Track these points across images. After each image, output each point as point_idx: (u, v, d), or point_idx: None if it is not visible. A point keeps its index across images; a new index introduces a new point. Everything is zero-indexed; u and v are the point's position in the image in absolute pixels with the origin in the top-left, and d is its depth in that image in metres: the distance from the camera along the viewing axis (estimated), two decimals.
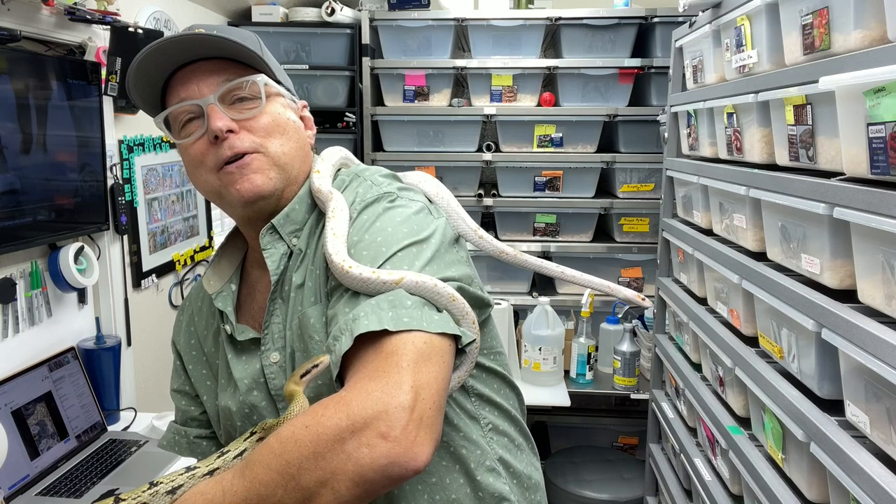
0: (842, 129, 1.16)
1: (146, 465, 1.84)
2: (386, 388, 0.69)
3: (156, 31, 2.29)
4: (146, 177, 2.43)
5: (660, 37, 2.93)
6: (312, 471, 0.67)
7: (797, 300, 1.34)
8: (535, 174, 3.06)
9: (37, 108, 1.83)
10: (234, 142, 0.89)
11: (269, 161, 0.91)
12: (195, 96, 0.90)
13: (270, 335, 0.95)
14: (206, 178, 0.92)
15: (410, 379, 0.70)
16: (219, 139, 0.88)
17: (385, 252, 0.82)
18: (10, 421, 1.70)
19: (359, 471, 0.66)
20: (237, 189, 0.90)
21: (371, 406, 0.67)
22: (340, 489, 0.67)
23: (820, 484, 1.32)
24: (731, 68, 1.75)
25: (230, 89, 0.91)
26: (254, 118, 0.91)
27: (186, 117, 0.92)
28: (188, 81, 0.91)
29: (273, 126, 0.93)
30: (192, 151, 0.92)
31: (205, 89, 0.90)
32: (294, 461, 0.68)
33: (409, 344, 0.73)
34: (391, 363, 0.71)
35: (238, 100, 0.92)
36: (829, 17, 1.25)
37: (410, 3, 3.05)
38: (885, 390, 1.08)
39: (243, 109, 0.91)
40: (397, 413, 0.67)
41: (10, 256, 1.82)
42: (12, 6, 1.72)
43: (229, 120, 0.89)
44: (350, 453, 0.66)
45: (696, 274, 2.09)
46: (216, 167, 0.90)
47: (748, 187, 1.61)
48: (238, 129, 0.90)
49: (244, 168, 0.90)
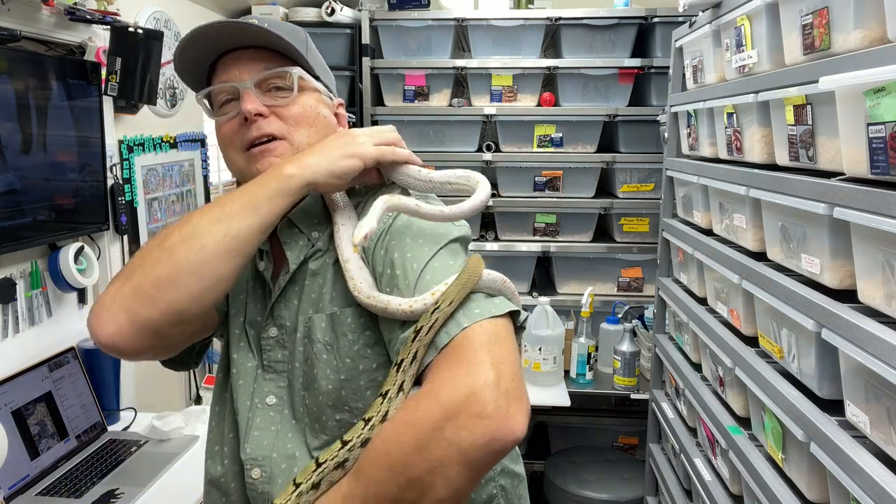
0: (842, 129, 1.16)
1: (146, 466, 1.84)
2: (469, 371, 0.72)
3: (156, 30, 2.29)
4: (146, 177, 2.43)
5: (660, 37, 2.93)
6: (419, 463, 0.70)
7: (797, 300, 1.34)
8: (535, 174, 3.06)
9: (37, 108, 1.83)
10: (262, 124, 0.95)
11: (292, 150, 0.95)
12: (235, 80, 0.96)
13: (278, 311, 0.98)
14: (233, 157, 0.98)
15: (488, 358, 0.73)
16: (248, 121, 0.94)
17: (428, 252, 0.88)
18: (10, 421, 1.70)
19: (463, 454, 0.69)
20: (257, 168, 0.95)
21: (459, 390, 0.71)
22: (451, 475, 0.69)
23: (820, 484, 1.32)
24: (731, 68, 1.75)
25: (266, 77, 0.96)
26: (285, 106, 0.96)
27: (225, 98, 0.98)
28: (231, 66, 0.97)
29: (302, 116, 0.98)
30: (224, 130, 0.98)
31: (244, 74, 0.96)
32: (400, 458, 0.71)
33: (479, 330, 0.77)
34: (467, 349, 0.75)
35: (274, 88, 0.97)
36: (829, 17, 1.25)
37: (410, 3, 3.05)
38: (885, 390, 1.08)
39: (277, 97, 0.97)
40: (485, 391, 0.70)
41: (10, 256, 1.82)
42: (12, 6, 1.72)
43: (260, 104, 0.94)
44: (450, 439, 0.69)
45: (696, 274, 2.09)
46: (243, 147, 0.96)
47: (748, 187, 1.61)
48: (268, 113, 0.95)
49: (266, 152, 0.95)
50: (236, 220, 0.86)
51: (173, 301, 0.84)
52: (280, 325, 0.98)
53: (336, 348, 0.92)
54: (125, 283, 0.86)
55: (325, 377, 0.92)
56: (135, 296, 0.84)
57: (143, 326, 0.84)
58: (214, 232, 0.85)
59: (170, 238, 0.86)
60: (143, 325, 0.84)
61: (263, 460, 0.95)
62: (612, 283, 3.10)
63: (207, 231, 0.85)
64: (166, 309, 0.84)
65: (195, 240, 0.85)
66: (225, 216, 0.86)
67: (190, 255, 0.84)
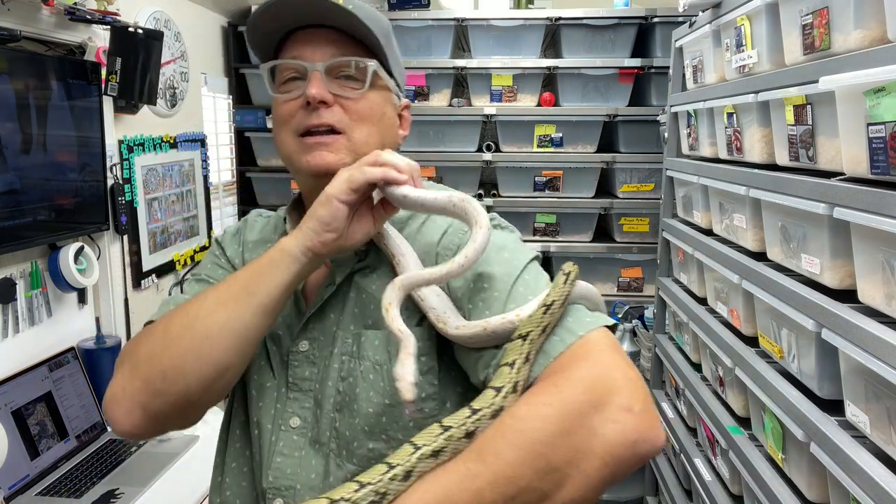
0: (842, 129, 1.16)
1: (146, 466, 1.84)
2: (608, 367, 0.67)
3: (156, 30, 2.29)
4: (146, 177, 2.43)
5: (660, 37, 2.93)
6: (561, 449, 0.63)
7: (797, 300, 1.34)
8: (535, 174, 3.06)
9: (37, 108, 1.83)
10: (324, 113, 0.88)
11: (349, 146, 0.89)
12: (305, 58, 0.89)
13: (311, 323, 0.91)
14: (285, 139, 0.91)
15: (622, 359, 0.68)
16: (310, 105, 0.87)
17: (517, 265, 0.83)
18: (10, 421, 1.70)
19: (608, 448, 0.63)
20: (307, 160, 0.89)
21: (604, 381, 0.65)
22: (590, 471, 0.63)
23: (820, 484, 1.32)
24: (731, 68, 1.75)
25: (339, 64, 0.89)
26: (352, 99, 0.90)
27: (290, 75, 0.91)
28: (305, 43, 0.90)
29: (367, 113, 0.91)
30: (283, 109, 0.91)
31: (316, 55, 0.89)
32: (542, 439, 0.63)
33: (599, 336, 0.73)
34: (594, 351, 0.70)
35: (344, 76, 0.90)
36: (829, 17, 1.25)
37: (410, 3, 3.05)
38: (885, 390, 1.08)
39: (345, 87, 0.90)
40: (631, 386, 0.65)
41: (10, 256, 1.82)
42: (12, 6, 1.72)
43: (327, 91, 0.88)
44: (596, 429, 0.63)
45: (696, 274, 2.09)
46: (297, 131, 0.89)
47: (748, 187, 1.61)
48: (332, 102, 0.88)
49: (320, 145, 0.89)
50: (238, 304, 0.80)
51: (183, 392, 0.79)
52: (312, 339, 0.90)
53: (386, 370, 0.86)
54: (134, 375, 0.82)
55: (367, 399, 0.85)
56: (145, 390, 0.81)
57: (159, 416, 0.81)
58: (217, 319, 0.79)
59: (173, 325, 0.82)
60: (157, 415, 0.81)
61: (287, 490, 0.86)
62: (612, 283, 3.10)
63: (211, 318, 0.79)
64: (178, 400, 0.80)
65: (198, 329, 0.79)
66: (227, 299, 0.80)
67: (194, 345, 0.79)
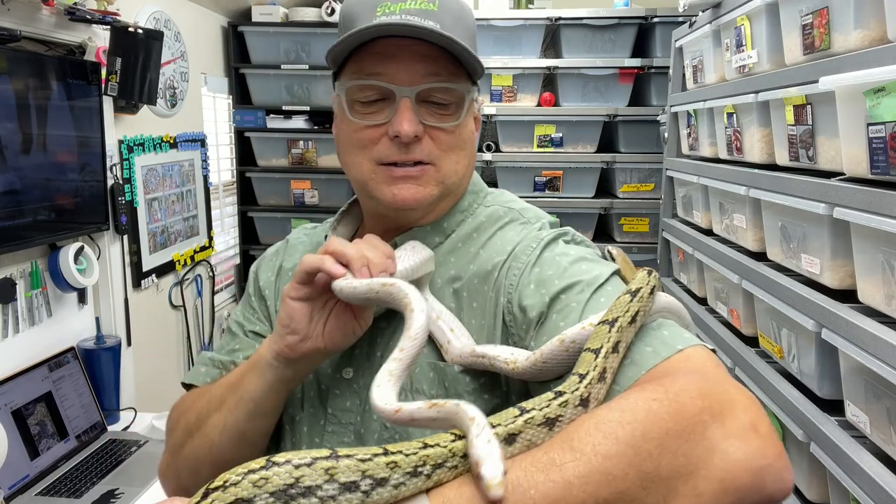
0: (842, 129, 1.16)
1: (146, 465, 1.84)
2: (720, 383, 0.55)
3: (156, 30, 2.29)
4: (146, 177, 2.43)
5: (660, 37, 2.93)
6: (674, 455, 0.50)
7: (797, 300, 1.34)
8: (535, 174, 3.06)
9: (37, 108, 1.83)
10: (415, 150, 0.78)
11: (437, 177, 0.80)
12: (393, 79, 0.77)
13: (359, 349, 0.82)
14: (360, 163, 0.80)
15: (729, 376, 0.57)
16: (398, 139, 0.77)
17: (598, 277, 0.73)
18: (10, 421, 1.70)
19: (729, 469, 0.50)
20: (392, 193, 0.79)
21: (720, 391, 0.53)
22: (703, 490, 0.50)
23: (820, 484, 1.32)
24: (731, 68, 1.75)
25: (433, 90, 0.78)
26: (445, 130, 0.79)
27: (371, 97, 0.78)
28: (391, 58, 0.77)
29: (458, 143, 0.81)
30: (361, 135, 0.79)
31: (404, 75, 0.77)
32: (653, 435, 0.50)
33: (702, 353, 0.61)
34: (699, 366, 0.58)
35: (434, 102, 0.79)
36: (829, 17, 1.25)
37: None
38: (885, 390, 1.08)
39: (436, 114, 0.79)
40: (755, 406, 0.53)
41: (10, 256, 1.82)
42: (12, 6, 1.72)
43: (419, 125, 0.77)
44: (716, 443, 0.50)
45: (696, 274, 2.09)
46: (379, 161, 0.79)
47: (748, 187, 1.61)
48: (423, 135, 0.78)
49: (409, 179, 0.79)
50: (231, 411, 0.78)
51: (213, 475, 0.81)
52: (357, 366, 0.82)
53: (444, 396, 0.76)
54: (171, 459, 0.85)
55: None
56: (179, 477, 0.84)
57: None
58: (216, 424, 0.79)
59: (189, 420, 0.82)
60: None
61: None
62: None
63: (211, 423, 0.79)
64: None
65: (204, 433, 0.80)
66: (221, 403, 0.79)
67: (203, 450, 0.80)
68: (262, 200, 3.28)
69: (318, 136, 3.19)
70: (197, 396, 0.84)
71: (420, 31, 0.74)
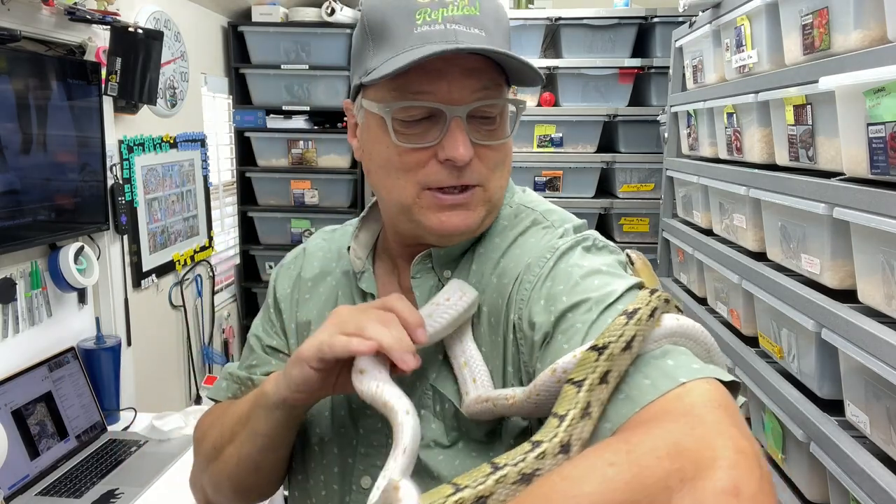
0: (842, 129, 1.16)
1: (146, 466, 1.84)
2: (715, 430, 0.47)
3: (156, 30, 2.29)
4: (146, 177, 2.43)
5: (660, 37, 2.93)
6: None
7: (797, 300, 1.34)
8: (535, 174, 3.06)
9: (37, 108, 1.83)
10: (466, 174, 0.72)
11: (485, 197, 0.75)
12: (442, 97, 0.70)
13: None
14: (404, 187, 0.74)
15: (729, 419, 0.48)
16: (449, 161, 0.71)
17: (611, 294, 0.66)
18: (10, 421, 1.70)
19: None
20: (440, 220, 0.73)
21: (703, 446, 0.45)
22: None
23: (820, 484, 1.32)
24: (731, 68, 1.75)
25: (484, 108, 0.72)
26: (493, 149, 0.74)
27: (417, 116, 0.71)
28: (439, 74, 0.70)
29: (504, 159, 0.77)
30: (407, 158, 0.73)
31: (455, 94, 0.71)
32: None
33: (707, 388, 0.53)
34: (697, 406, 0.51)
35: (481, 117, 0.73)
36: (829, 17, 1.25)
37: None
38: (885, 390, 1.08)
39: (484, 130, 0.74)
40: (744, 463, 0.45)
41: (10, 256, 1.82)
42: (12, 6, 1.72)
43: (471, 147, 0.71)
44: None
45: (696, 274, 2.09)
46: (426, 185, 0.73)
47: (748, 187, 1.61)
48: (473, 156, 0.72)
49: (460, 207, 0.74)
50: (245, 443, 0.78)
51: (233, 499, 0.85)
52: None
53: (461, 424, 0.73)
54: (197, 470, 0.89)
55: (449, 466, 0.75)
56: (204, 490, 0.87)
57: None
58: (232, 454, 0.80)
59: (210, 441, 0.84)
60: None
61: None
62: None
63: (227, 452, 0.80)
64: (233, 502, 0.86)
65: (222, 460, 0.81)
66: (235, 434, 0.79)
67: (223, 476, 0.82)
68: (262, 200, 3.28)
69: (318, 136, 3.19)
70: (219, 414, 0.86)
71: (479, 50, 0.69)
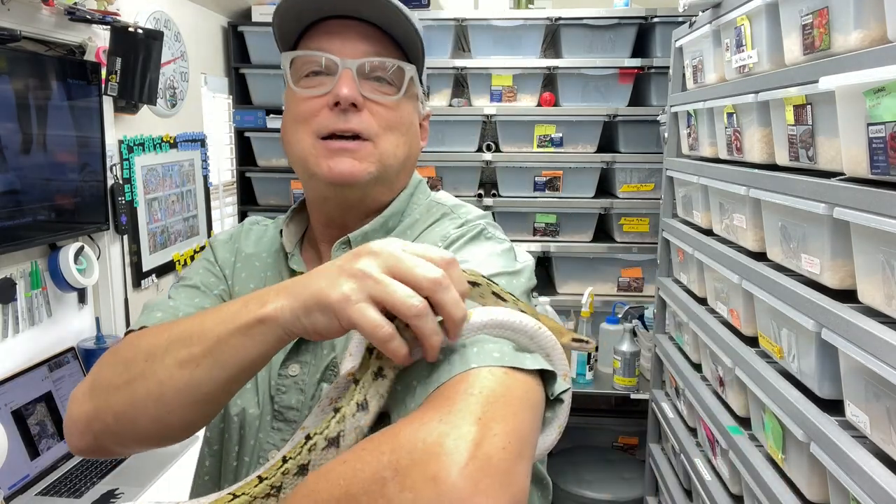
0: (842, 129, 1.16)
1: (145, 466, 1.84)
2: (447, 417, 0.53)
3: (156, 30, 2.29)
4: (146, 177, 2.43)
5: (660, 37, 2.93)
6: None
7: (797, 300, 1.34)
8: (535, 174, 3.06)
9: (37, 108, 1.83)
10: (353, 119, 0.80)
11: (375, 154, 0.82)
12: (335, 52, 0.80)
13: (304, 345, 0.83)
14: (301, 139, 0.82)
15: (478, 410, 0.53)
16: (338, 106, 0.79)
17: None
18: (10, 421, 1.70)
19: None
20: (328, 165, 0.80)
21: (423, 437, 0.51)
22: None
23: (820, 484, 1.32)
24: (731, 68, 1.75)
25: (375, 66, 0.81)
26: (384, 105, 0.82)
27: (313, 69, 0.82)
28: (336, 34, 0.81)
29: (397, 123, 0.84)
30: (303, 107, 0.82)
31: (348, 50, 0.80)
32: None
33: (486, 376, 0.57)
34: (457, 392, 0.56)
35: (376, 78, 0.82)
36: (829, 17, 1.25)
37: (410, 3, 3.04)
38: (885, 390, 1.08)
39: (378, 90, 0.82)
40: (455, 448, 0.50)
41: (10, 256, 1.82)
42: (12, 6, 1.72)
43: (359, 94, 0.80)
44: (390, 499, 0.50)
45: (696, 274, 2.09)
46: (319, 133, 0.81)
47: (748, 187, 1.61)
48: (363, 106, 0.80)
49: (345, 151, 0.80)
50: (200, 369, 0.66)
51: (135, 439, 0.72)
52: (304, 363, 0.83)
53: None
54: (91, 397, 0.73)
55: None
56: (97, 419, 0.72)
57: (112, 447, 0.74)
58: (175, 383, 0.67)
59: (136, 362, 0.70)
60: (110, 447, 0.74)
61: None
62: (612, 283, 3.10)
63: (169, 377, 0.67)
64: (131, 443, 0.73)
65: (154, 383, 0.68)
66: (189, 360, 0.66)
67: (148, 401, 0.68)
68: (262, 200, 3.28)
69: None
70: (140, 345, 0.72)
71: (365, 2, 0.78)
